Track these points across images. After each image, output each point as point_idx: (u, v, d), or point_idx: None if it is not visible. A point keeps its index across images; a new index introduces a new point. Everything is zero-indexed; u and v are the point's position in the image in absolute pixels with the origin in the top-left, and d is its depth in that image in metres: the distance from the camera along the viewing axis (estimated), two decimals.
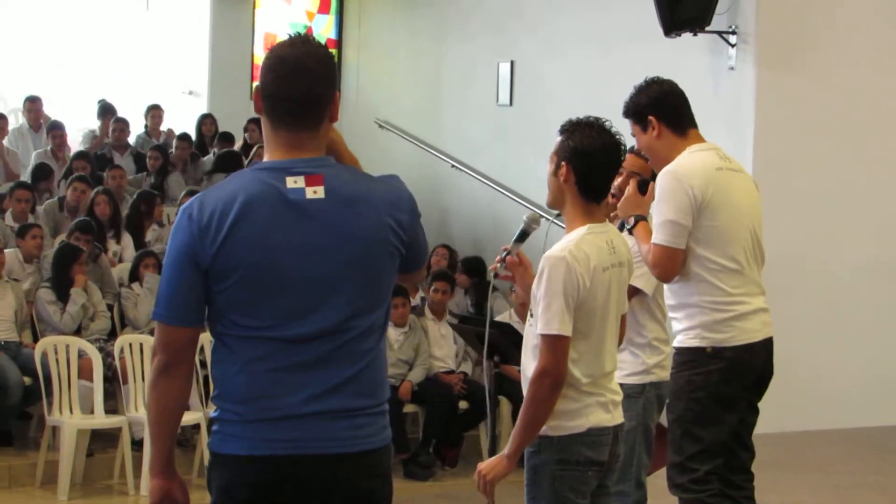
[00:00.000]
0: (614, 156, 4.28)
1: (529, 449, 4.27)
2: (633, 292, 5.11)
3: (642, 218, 5.18)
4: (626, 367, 5.22)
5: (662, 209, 4.95)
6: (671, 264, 4.95)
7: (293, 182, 3.18)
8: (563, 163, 4.26)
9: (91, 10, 15.72)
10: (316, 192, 3.18)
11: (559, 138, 4.31)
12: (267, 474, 3.19)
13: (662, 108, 5.13)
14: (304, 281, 3.18)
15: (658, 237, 4.95)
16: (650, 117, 5.11)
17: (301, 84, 3.20)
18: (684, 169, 4.98)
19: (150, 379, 3.30)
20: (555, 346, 4.14)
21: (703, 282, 4.95)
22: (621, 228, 5.19)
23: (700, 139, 5.17)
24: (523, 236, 4.51)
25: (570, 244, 4.20)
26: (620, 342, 4.47)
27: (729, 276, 4.96)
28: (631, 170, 5.46)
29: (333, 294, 3.20)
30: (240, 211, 3.13)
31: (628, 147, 4.36)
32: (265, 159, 3.28)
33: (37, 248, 9.76)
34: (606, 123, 4.30)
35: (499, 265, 4.48)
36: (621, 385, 4.62)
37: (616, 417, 4.34)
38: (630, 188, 5.27)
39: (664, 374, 5.41)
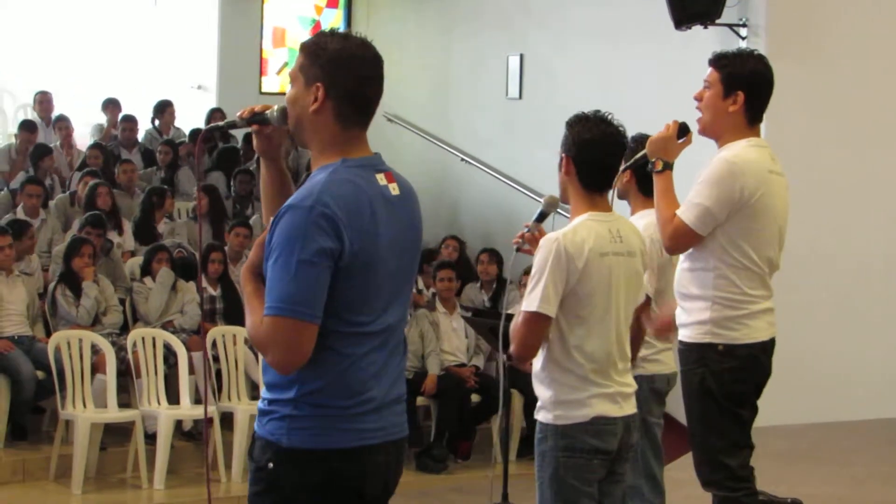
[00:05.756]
0: (612, 145, 4.35)
1: (538, 435, 4.34)
2: None
3: (670, 166, 4.97)
4: None
5: (705, 192, 4.82)
6: (686, 245, 4.90)
7: (381, 179, 3.26)
8: (564, 155, 4.37)
9: (99, 5, 15.73)
10: (394, 190, 3.27)
11: (565, 133, 4.40)
12: (364, 465, 3.21)
13: (756, 90, 4.96)
14: (393, 275, 3.24)
15: (688, 216, 4.83)
16: (740, 91, 4.92)
17: (378, 85, 3.31)
18: (743, 164, 4.85)
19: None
20: (530, 322, 4.20)
21: (721, 277, 4.88)
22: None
23: (759, 134, 5.02)
24: (542, 216, 4.68)
25: (566, 228, 4.29)
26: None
27: (748, 276, 4.90)
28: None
29: (404, 286, 3.31)
30: (370, 208, 3.16)
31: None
32: (323, 159, 3.25)
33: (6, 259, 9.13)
34: (608, 116, 4.36)
35: (520, 240, 4.59)
36: None
37: (626, 409, 4.36)
38: (669, 129, 5.00)
39: (656, 368, 5.47)
